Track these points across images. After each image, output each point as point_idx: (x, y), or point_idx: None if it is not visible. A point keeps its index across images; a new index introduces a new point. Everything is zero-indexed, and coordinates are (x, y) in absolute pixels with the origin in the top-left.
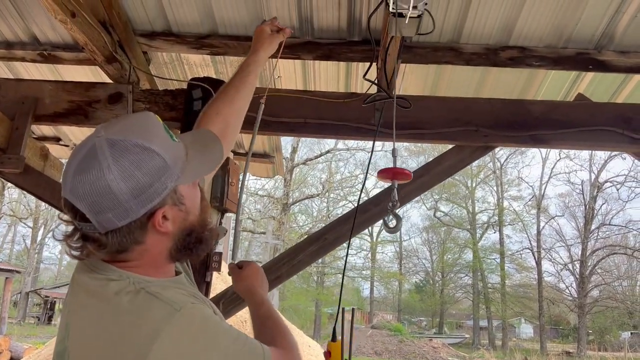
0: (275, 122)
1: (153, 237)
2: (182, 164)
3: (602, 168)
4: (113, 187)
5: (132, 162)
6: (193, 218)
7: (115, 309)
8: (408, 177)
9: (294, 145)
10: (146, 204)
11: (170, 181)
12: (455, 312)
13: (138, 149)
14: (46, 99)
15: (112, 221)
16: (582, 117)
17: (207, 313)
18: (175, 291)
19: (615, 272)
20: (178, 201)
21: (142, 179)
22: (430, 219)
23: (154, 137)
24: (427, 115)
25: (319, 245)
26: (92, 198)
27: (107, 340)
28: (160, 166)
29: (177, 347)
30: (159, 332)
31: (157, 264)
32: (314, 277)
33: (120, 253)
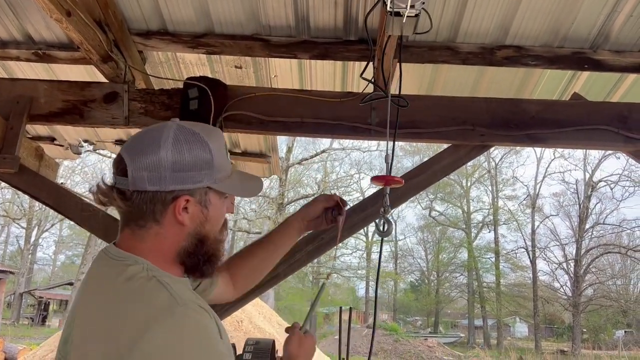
0: (272, 121)
1: (170, 223)
2: (224, 174)
3: (596, 167)
4: (161, 153)
5: (188, 143)
6: (210, 229)
7: (124, 291)
8: (399, 183)
9: (289, 145)
10: (178, 183)
11: (207, 179)
12: (450, 312)
13: (197, 138)
14: (41, 98)
15: (144, 181)
16: (577, 116)
17: (209, 324)
18: (185, 290)
19: (609, 271)
20: (204, 203)
21: (188, 160)
22: (426, 218)
23: (214, 139)
24: (423, 115)
25: (315, 245)
26: (139, 154)
27: (109, 315)
28: (206, 160)
29: (166, 341)
30: (156, 321)
31: (167, 258)
32: (309, 277)
33: (137, 225)
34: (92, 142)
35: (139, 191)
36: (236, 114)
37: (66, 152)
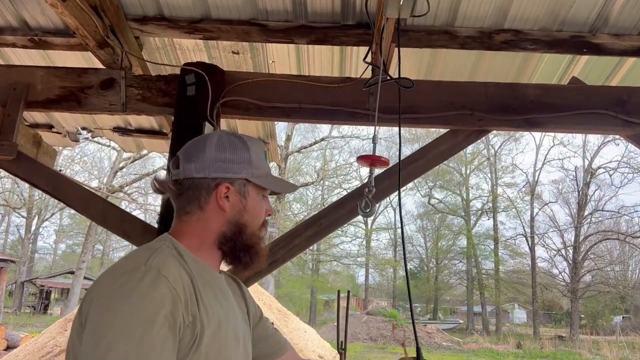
0: (270, 107)
1: (212, 209)
2: (262, 173)
3: (595, 154)
4: (207, 148)
5: (229, 143)
6: (249, 219)
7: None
8: (385, 164)
9: (288, 133)
10: (219, 171)
11: (245, 172)
12: (449, 298)
13: (239, 141)
14: (38, 85)
15: (192, 170)
16: (576, 100)
17: (155, 293)
18: (179, 263)
19: (607, 258)
20: (243, 193)
21: (228, 155)
22: (425, 206)
23: (254, 144)
24: (421, 100)
25: (314, 230)
26: (190, 150)
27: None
28: (245, 158)
29: (109, 295)
30: (114, 277)
31: (206, 241)
32: (309, 265)
33: (184, 212)
34: (90, 129)
35: (188, 178)
36: (234, 100)
37: (64, 140)
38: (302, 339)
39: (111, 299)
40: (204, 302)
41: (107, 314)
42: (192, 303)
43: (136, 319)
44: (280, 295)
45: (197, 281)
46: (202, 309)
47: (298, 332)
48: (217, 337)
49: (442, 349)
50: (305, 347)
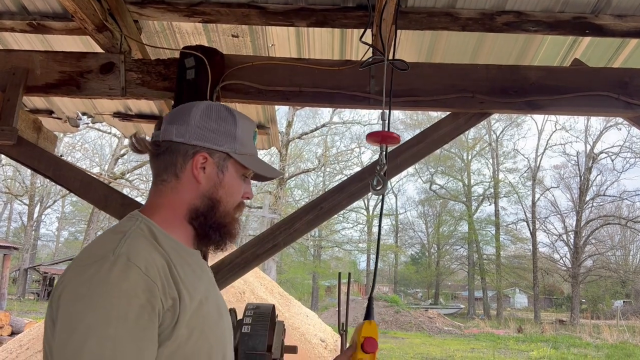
0: (270, 90)
1: (187, 179)
2: (245, 151)
3: (597, 139)
4: (191, 113)
5: (217, 113)
6: (223, 196)
7: (92, 242)
8: (396, 140)
9: (289, 119)
10: (199, 139)
11: (227, 145)
12: (450, 284)
13: (228, 113)
14: (37, 69)
15: (172, 133)
16: (578, 82)
17: (127, 284)
18: (152, 245)
19: (609, 242)
20: (221, 167)
21: (213, 125)
22: (426, 192)
23: (244, 121)
24: (422, 82)
25: (314, 214)
26: (176, 113)
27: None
28: (230, 132)
29: (76, 288)
30: (82, 268)
31: (178, 215)
32: (311, 251)
33: (161, 179)
34: (91, 114)
35: (167, 140)
36: (233, 84)
37: (64, 125)
38: (304, 323)
39: (80, 293)
40: (184, 281)
41: (77, 310)
42: (170, 286)
43: (108, 314)
44: (282, 281)
45: (174, 261)
46: (182, 290)
47: (300, 317)
48: (200, 315)
49: (443, 333)
50: (307, 332)
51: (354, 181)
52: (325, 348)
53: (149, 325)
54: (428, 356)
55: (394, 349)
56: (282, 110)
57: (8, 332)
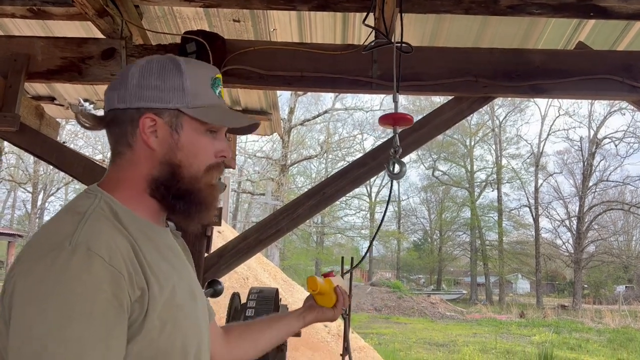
0: (271, 75)
1: (140, 147)
2: (200, 102)
3: (601, 124)
4: (129, 73)
5: (159, 67)
6: (183, 159)
7: (57, 212)
8: (409, 122)
9: (291, 105)
10: (142, 100)
11: (176, 102)
12: (453, 270)
13: (171, 64)
14: (38, 55)
15: (114, 100)
16: (582, 65)
17: (88, 277)
18: (115, 228)
19: (611, 228)
20: (174, 126)
21: (154, 81)
22: (429, 178)
23: (193, 69)
24: (425, 66)
25: (317, 200)
26: (116, 77)
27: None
28: (176, 85)
29: (31, 282)
30: (35, 259)
31: (138, 189)
32: (313, 237)
33: (116, 153)
34: (92, 101)
35: (111, 110)
36: (235, 69)
37: (67, 112)
38: None
39: (34, 290)
40: (153, 268)
41: (32, 310)
42: (138, 274)
43: (69, 312)
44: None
45: (140, 244)
46: (151, 278)
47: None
48: (172, 305)
49: (445, 318)
50: None
51: (357, 166)
52: (328, 333)
53: (117, 321)
54: (430, 341)
55: (397, 334)
56: (284, 97)
57: None
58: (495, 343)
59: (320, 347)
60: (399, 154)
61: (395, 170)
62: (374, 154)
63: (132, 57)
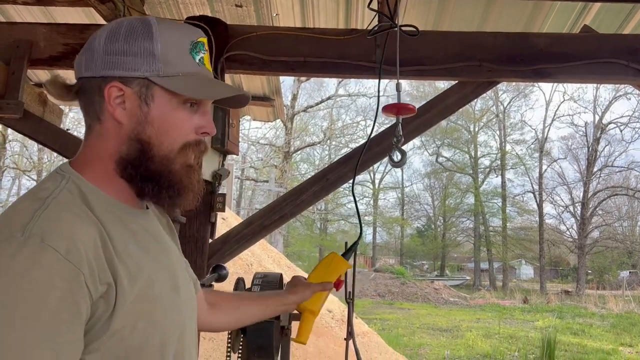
0: (274, 61)
1: (108, 120)
2: (174, 70)
3: (606, 109)
4: (96, 36)
5: (127, 30)
6: (153, 134)
7: (23, 195)
8: (412, 111)
9: (294, 92)
10: (107, 67)
11: (145, 69)
12: (456, 256)
13: (141, 26)
14: (40, 42)
15: (81, 66)
16: (587, 49)
17: (39, 272)
18: (78, 222)
19: (616, 213)
20: (144, 97)
21: (121, 45)
22: (432, 164)
23: (167, 31)
24: (429, 51)
25: (321, 186)
26: (86, 43)
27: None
28: (146, 50)
29: None
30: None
31: (108, 168)
32: (317, 224)
33: (88, 127)
34: None
35: (79, 78)
36: (238, 55)
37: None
38: None
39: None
40: (123, 258)
41: None
42: (103, 269)
43: (12, 313)
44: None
45: (110, 231)
46: (120, 271)
47: None
48: (147, 298)
49: (449, 304)
50: None
51: (360, 152)
52: (332, 318)
53: (71, 322)
54: (434, 326)
55: (400, 319)
56: (287, 83)
57: None
58: (498, 328)
59: (324, 332)
60: (400, 143)
61: (396, 159)
62: (377, 140)
63: None
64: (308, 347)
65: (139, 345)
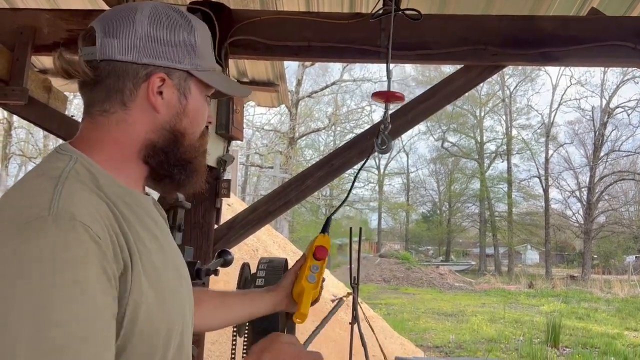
0: (278, 46)
1: (140, 108)
2: (207, 65)
3: (613, 93)
4: (136, 19)
5: (168, 17)
6: (188, 126)
7: (15, 189)
8: (400, 99)
9: (299, 77)
10: (153, 56)
11: (187, 61)
12: (462, 241)
13: (179, 16)
14: (44, 28)
15: (114, 49)
16: (594, 32)
17: (69, 248)
18: (96, 201)
19: (622, 198)
20: (183, 89)
21: (165, 34)
22: (438, 149)
23: (200, 25)
24: (434, 35)
25: (325, 171)
26: (112, 20)
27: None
28: (188, 42)
29: (8, 256)
30: (11, 232)
31: (127, 153)
32: (322, 210)
33: (101, 109)
34: None
35: (108, 60)
36: (242, 39)
37: (74, 86)
38: None
39: (10, 273)
40: (137, 243)
41: (7, 295)
42: (122, 247)
43: (52, 294)
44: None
45: (123, 214)
46: (135, 253)
47: None
48: (158, 285)
49: (454, 289)
50: None
51: (365, 138)
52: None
53: (109, 294)
54: (439, 311)
55: (406, 304)
56: (291, 69)
57: None
58: (503, 313)
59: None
60: (387, 130)
61: (382, 146)
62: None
63: None
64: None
65: (148, 333)
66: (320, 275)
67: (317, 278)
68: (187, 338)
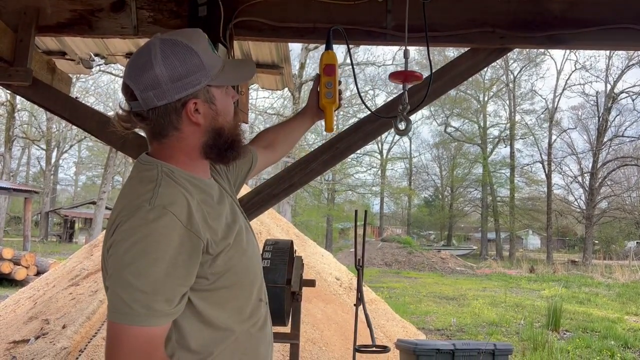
0: (283, 27)
1: (188, 127)
2: (217, 70)
3: (618, 78)
4: (156, 70)
5: (175, 54)
6: (223, 120)
7: (130, 189)
8: (419, 78)
9: (302, 61)
10: (180, 91)
11: (204, 79)
12: (463, 226)
13: (182, 47)
14: (48, 9)
15: (153, 100)
16: (603, 14)
17: (164, 229)
18: (179, 191)
19: (625, 184)
20: (209, 100)
21: (181, 69)
22: (441, 134)
23: (197, 43)
24: (440, 17)
25: (330, 154)
26: (139, 77)
27: (114, 210)
28: (197, 64)
29: (122, 235)
30: (123, 218)
31: (192, 156)
32: (325, 194)
33: (161, 136)
34: (103, 55)
35: (152, 108)
36: (247, 21)
37: (78, 67)
38: (319, 262)
39: (126, 236)
40: (212, 220)
41: (127, 257)
42: (204, 226)
43: (148, 253)
44: (297, 224)
45: (201, 201)
46: (212, 229)
47: (315, 256)
48: (238, 247)
49: (455, 273)
50: (323, 270)
51: (369, 121)
52: (340, 286)
53: (184, 263)
54: (440, 294)
55: (407, 288)
56: (295, 52)
57: (34, 272)
58: (504, 297)
59: (332, 300)
60: (406, 111)
61: (401, 127)
62: (386, 108)
63: (142, 10)
64: (316, 313)
65: (237, 280)
66: (335, 89)
67: (333, 93)
68: (264, 296)
